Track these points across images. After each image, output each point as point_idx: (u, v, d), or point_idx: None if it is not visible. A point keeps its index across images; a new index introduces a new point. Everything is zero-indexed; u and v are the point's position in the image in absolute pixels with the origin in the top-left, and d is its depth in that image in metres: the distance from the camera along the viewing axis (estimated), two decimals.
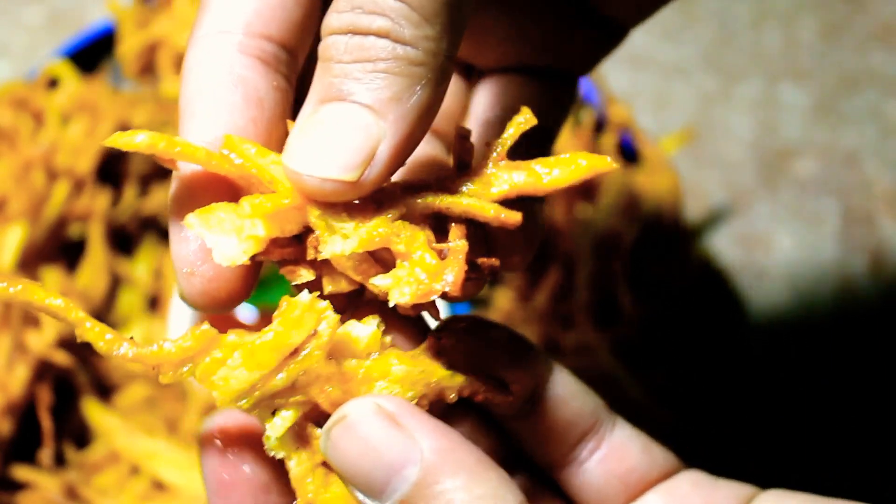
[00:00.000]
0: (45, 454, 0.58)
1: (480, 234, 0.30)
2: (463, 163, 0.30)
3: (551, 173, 0.29)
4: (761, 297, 0.73)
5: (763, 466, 0.68)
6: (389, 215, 0.28)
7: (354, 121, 0.28)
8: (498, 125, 0.33)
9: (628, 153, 0.66)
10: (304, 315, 0.28)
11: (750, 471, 0.55)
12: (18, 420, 0.59)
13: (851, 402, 0.70)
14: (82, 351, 0.62)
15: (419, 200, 0.29)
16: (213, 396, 0.28)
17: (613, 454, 0.34)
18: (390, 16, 0.28)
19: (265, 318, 0.66)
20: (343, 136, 0.28)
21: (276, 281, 0.66)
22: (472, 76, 0.38)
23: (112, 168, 0.66)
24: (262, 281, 0.67)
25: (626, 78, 0.78)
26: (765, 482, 0.35)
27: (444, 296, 0.28)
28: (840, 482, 0.67)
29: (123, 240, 0.68)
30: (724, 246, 0.74)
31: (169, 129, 0.66)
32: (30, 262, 0.62)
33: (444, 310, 0.66)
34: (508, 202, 0.29)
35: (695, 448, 0.60)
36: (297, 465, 0.29)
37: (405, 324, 0.31)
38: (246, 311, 0.67)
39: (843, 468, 0.69)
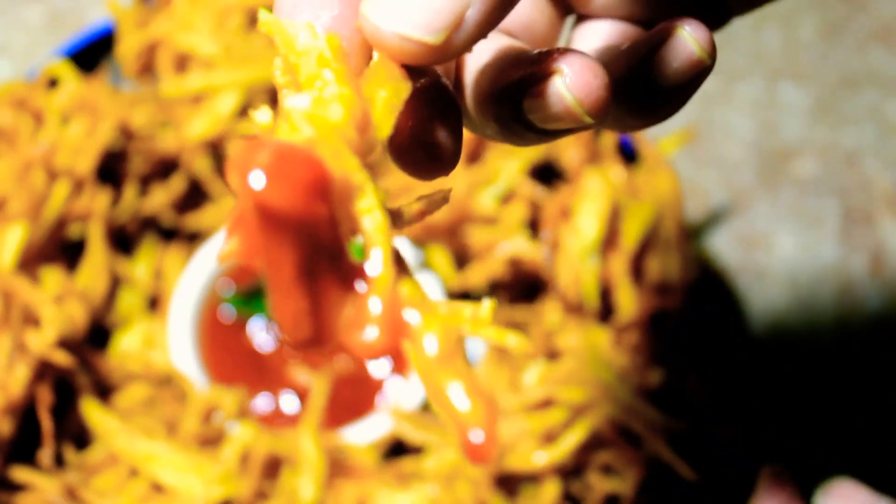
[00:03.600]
0: (45, 455, 0.58)
1: None
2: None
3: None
4: (761, 297, 0.73)
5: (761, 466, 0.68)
6: None
7: None
8: (610, 54, 0.32)
9: (628, 153, 0.66)
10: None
11: (748, 471, 0.55)
12: (18, 420, 0.59)
13: (852, 402, 0.70)
14: (82, 351, 0.62)
15: None
16: None
17: None
18: None
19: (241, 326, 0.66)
20: None
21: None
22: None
23: (112, 168, 0.66)
24: (262, 288, 0.67)
25: None
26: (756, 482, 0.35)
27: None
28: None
29: (123, 240, 0.68)
30: (724, 246, 0.74)
31: (169, 129, 0.66)
32: (30, 262, 0.62)
33: None
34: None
35: (695, 448, 0.60)
36: None
37: None
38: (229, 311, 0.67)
39: (843, 469, 0.69)
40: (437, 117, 0.28)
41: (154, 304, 0.68)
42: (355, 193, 0.25)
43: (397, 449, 0.63)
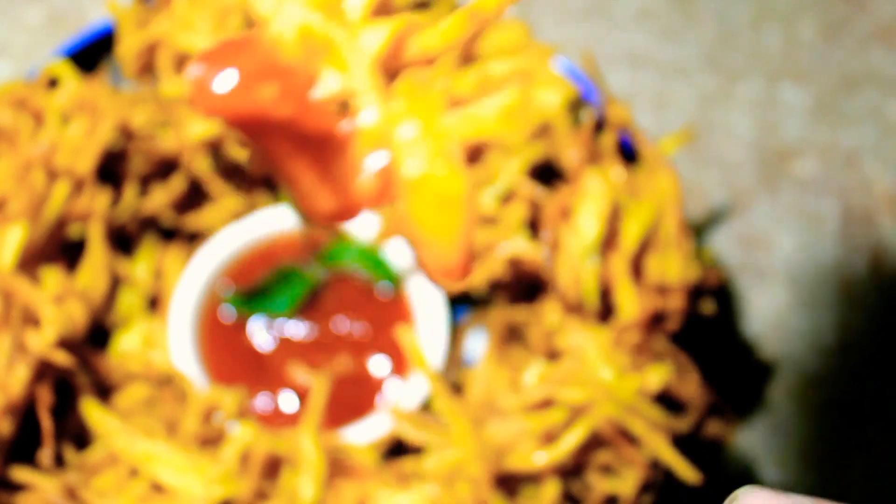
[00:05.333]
0: (45, 455, 0.58)
1: None
2: None
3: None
4: (761, 297, 0.73)
5: (758, 466, 0.68)
6: None
7: None
8: None
9: (628, 153, 0.66)
10: None
11: (743, 472, 0.55)
12: (18, 420, 0.59)
13: (850, 401, 0.70)
14: (82, 351, 0.62)
15: None
16: None
17: None
18: None
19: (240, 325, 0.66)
20: None
21: (276, 286, 0.67)
22: None
23: (112, 168, 0.66)
24: (262, 288, 0.67)
25: (625, 78, 0.78)
26: (757, 482, 0.35)
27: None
28: (845, 487, 0.67)
29: (123, 240, 0.68)
30: (724, 246, 0.74)
31: (169, 129, 0.66)
32: (30, 262, 0.62)
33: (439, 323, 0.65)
34: None
35: (695, 448, 0.60)
36: None
37: None
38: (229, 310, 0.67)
39: (841, 469, 0.69)
40: None
41: (154, 304, 0.68)
42: (327, 51, 0.24)
43: (397, 449, 0.63)
